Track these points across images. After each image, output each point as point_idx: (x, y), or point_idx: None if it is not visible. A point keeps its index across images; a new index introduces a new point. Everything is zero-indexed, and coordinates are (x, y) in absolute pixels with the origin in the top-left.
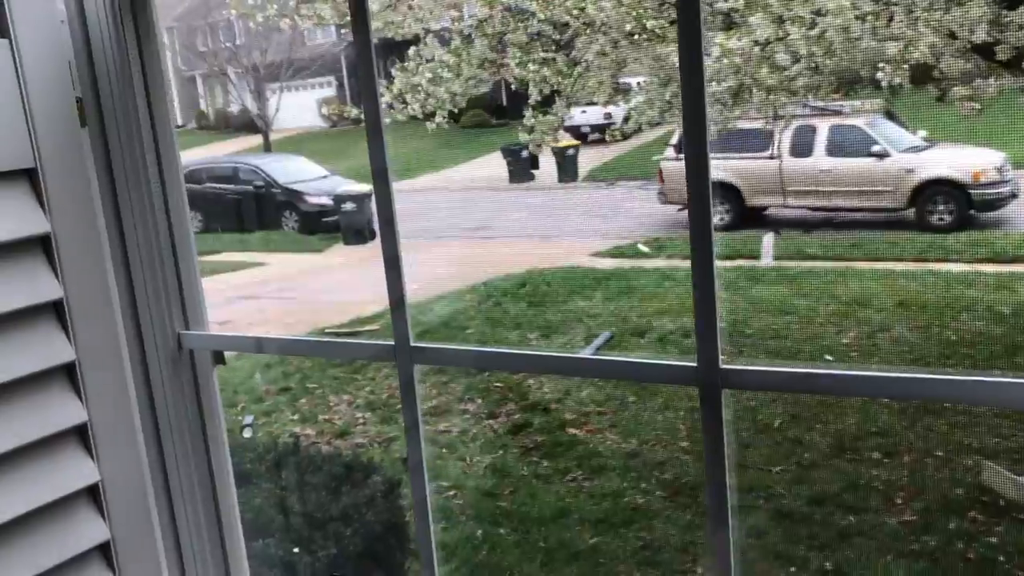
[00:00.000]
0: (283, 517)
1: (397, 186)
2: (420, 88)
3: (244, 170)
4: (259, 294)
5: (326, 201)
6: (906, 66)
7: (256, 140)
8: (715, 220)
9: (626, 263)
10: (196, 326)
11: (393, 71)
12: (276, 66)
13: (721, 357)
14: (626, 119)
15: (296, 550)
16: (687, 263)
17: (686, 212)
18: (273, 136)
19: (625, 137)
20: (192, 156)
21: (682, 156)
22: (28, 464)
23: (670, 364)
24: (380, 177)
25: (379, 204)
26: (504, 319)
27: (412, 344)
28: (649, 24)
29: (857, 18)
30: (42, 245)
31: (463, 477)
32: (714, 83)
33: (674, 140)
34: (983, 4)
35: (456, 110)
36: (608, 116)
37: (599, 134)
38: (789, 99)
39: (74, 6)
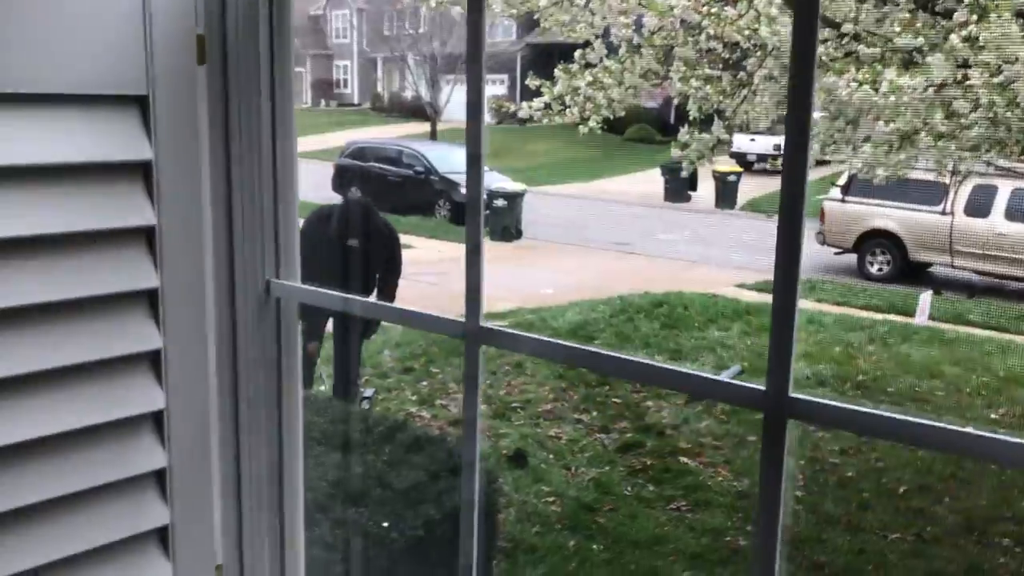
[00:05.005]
0: (380, 489)
1: (551, 189)
2: (580, 91)
3: (407, 154)
4: (404, 275)
5: None
6: None
7: (424, 127)
8: (873, 270)
9: (771, 299)
10: (287, 275)
11: (556, 72)
12: (454, 58)
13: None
14: None
15: (386, 524)
16: (836, 309)
17: (844, 256)
18: (440, 126)
19: None
20: (362, 135)
21: (848, 199)
22: (96, 387)
23: (738, 384)
24: (474, 163)
25: (471, 184)
26: (634, 336)
27: (481, 324)
28: (819, 53)
29: None
30: (143, 172)
31: (565, 486)
32: (880, 122)
33: (841, 181)
34: None
35: (612, 116)
36: (777, 148)
37: (764, 164)
38: (963, 150)
39: None
